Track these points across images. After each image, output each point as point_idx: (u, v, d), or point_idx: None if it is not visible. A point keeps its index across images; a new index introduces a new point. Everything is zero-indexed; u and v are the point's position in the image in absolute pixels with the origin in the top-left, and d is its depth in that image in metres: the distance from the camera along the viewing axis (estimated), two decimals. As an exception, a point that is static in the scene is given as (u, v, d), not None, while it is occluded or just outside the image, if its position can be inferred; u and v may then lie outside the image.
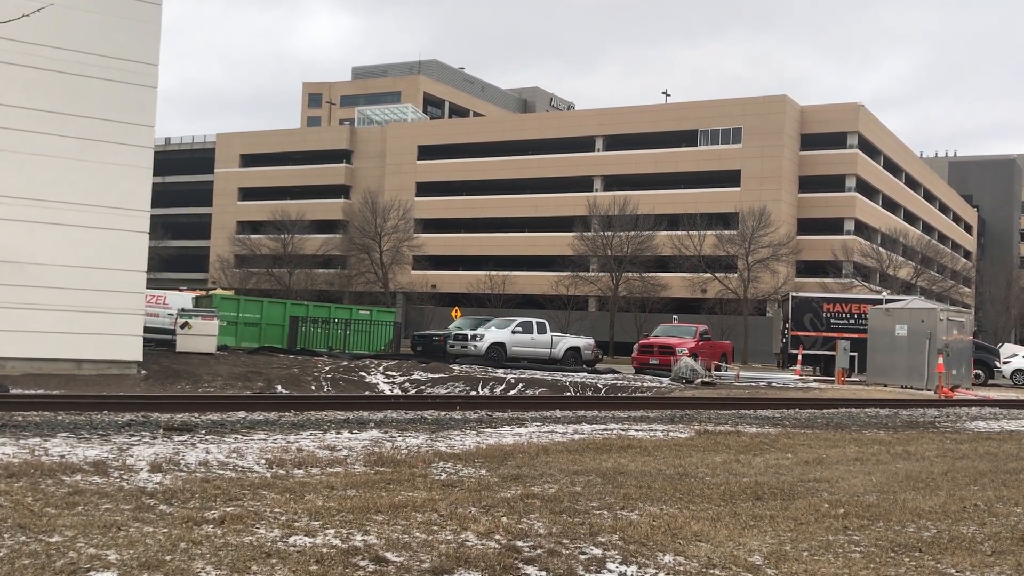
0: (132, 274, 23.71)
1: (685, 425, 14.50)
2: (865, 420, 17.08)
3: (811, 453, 11.60)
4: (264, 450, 9.69)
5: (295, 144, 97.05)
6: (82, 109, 22.77)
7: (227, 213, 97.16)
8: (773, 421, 15.97)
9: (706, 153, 77.85)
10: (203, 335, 31.30)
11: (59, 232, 22.52)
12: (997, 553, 6.39)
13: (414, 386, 27.24)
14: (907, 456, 11.75)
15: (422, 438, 11.38)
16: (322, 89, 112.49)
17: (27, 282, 22.09)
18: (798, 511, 7.54)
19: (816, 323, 39.30)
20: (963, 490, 9.11)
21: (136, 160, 23.64)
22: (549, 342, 38.74)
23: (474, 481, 8.38)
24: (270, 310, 40.84)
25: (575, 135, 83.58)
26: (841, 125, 77.78)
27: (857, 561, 5.97)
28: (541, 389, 26.62)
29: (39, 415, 12.06)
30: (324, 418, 13.19)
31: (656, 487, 8.44)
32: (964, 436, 14.89)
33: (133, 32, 23.63)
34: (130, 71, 23.35)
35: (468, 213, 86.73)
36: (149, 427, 11.33)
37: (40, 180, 22.36)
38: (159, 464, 8.48)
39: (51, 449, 9.16)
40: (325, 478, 8.18)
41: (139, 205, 23.81)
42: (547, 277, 74.96)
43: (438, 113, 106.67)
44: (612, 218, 69.41)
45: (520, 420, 14.21)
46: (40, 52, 22.08)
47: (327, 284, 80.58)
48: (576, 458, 10.16)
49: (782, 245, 67.79)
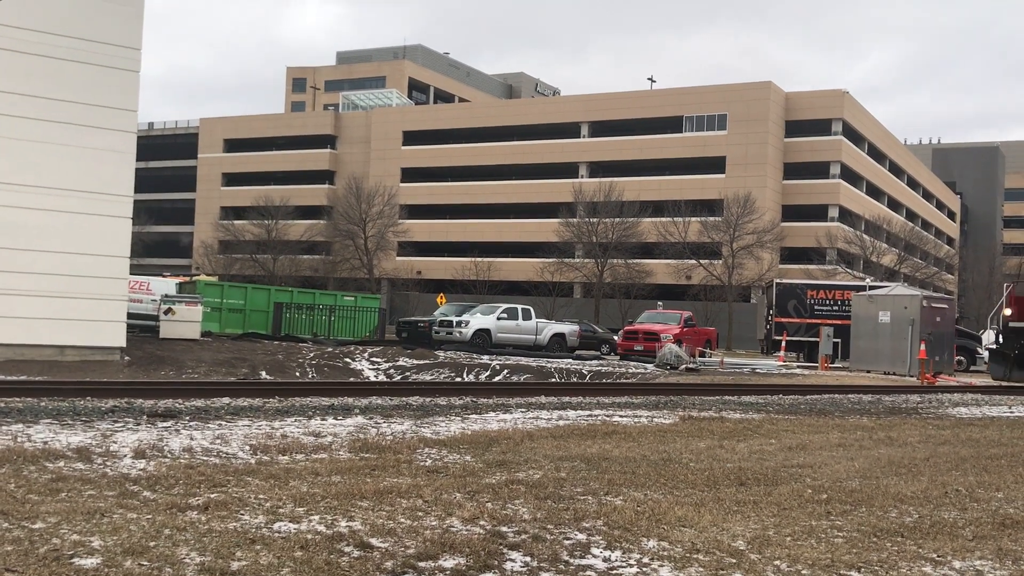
0: (115, 260, 23.59)
1: (669, 411, 14.55)
2: (848, 406, 17.18)
3: (794, 439, 11.66)
4: (248, 436, 9.67)
5: (279, 129, 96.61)
6: (64, 93, 22.60)
7: (211, 198, 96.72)
8: (757, 407, 16.04)
9: (691, 140, 77.91)
10: (187, 321, 31.20)
11: (41, 217, 22.38)
12: (978, 538, 6.44)
13: (399, 372, 27.23)
14: (890, 442, 11.83)
15: (407, 424, 11.38)
16: (306, 74, 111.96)
17: (8, 268, 21.95)
18: (781, 496, 7.58)
19: (800, 310, 39.45)
20: (945, 476, 9.18)
21: (119, 145, 23.48)
22: (534, 328, 38.77)
23: (459, 467, 8.40)
24: (254, 296, 40.74)
25: (560, 121, 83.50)
26: (826, 112, 77.95)
27: (840, 546, 6.01)
28: (526, 375, 26.66)
29: (21, 401, 12.00)
30: (309, 404, 13.17)
31: (640, 473, 8.47)
32: (946, 422, 15.00)
33: (115, 16, 23.44)
34: (112, 55, 23.18)
35: (453, 199, 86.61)
36: (133, 413, 11.29)
37: (21, 165, 22.20)
38: (143, 450, 8.46)
39: (34, 435, 9.12)
40: (310, 464, 8.17)
41: (122, 190, 23.67)
42: (532, 263, 74.97)
43: (423, 98, 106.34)
44: (597, 204, 69.44)
45: (505, 406, 14.23)
46: (21, 36, 21.88)
47: (312, 270, 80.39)
48: (561, 444, 10.19)
49: (766, 232, 67.97)
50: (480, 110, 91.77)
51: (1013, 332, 26.63)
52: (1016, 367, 26.33)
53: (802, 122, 77.73)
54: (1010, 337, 26.68)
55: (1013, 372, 26.34)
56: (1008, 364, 26.54)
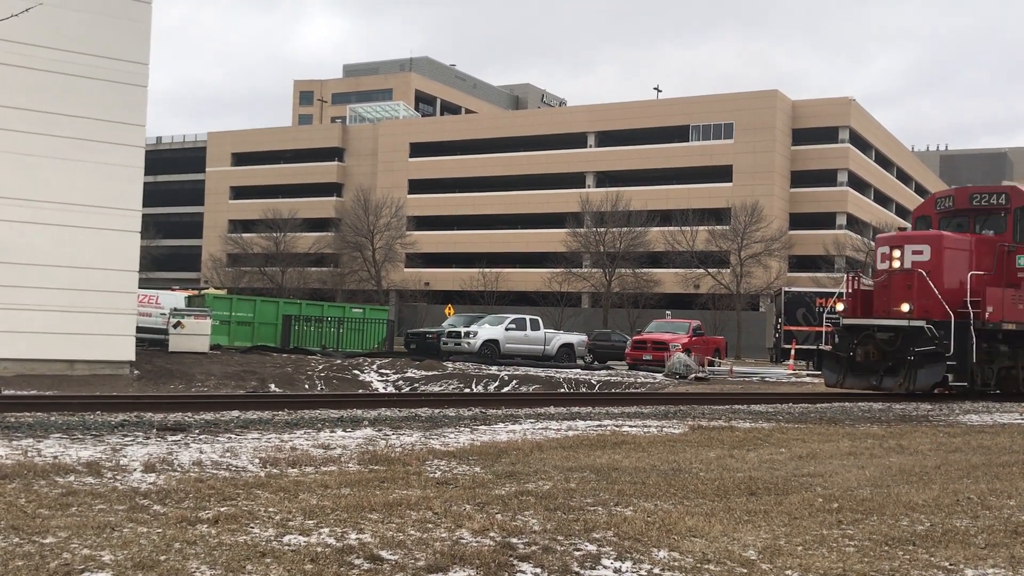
0: (124, 274, 23.67)
1: (679, 420, 14.51)
2: (858, 414, 17.12)
3: (805, 448, 11.62)
4: (258, 449, 9.68)
5: (286, 142, 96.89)
6: (73, 109, 22.73)
7: (219, 212, 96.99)
8: (767, 416, 16.00)
9: (698, 149, 77.90)
10: (196, 334, 31.28)
11: (51, 232, 22.47)
12: (991, 546, 6.41)
13: (408, 384, 27.24)
14: (900, 450, 11.78)
15: (416, 436, 11.37)
16: (313, 87, 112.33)
17: (19, 282, 22.04)
18: (792, 506, 7.55)
19: (809, 318, 39.35)
20: (956, 483, 9.13)
21: (127, 159, 23.60)
22: (543, 339, 38.78)
23: (468, 479, 8.38)
24: (263, 309, 40.82)
25: (567, 131, 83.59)
26: (833, 120, 77.91)
27: (851, 555, 5.98)
28: (535, 386, 26.64)
29: (32, 416, 12.02)
30: (318, 417, 13.17)
31: (650, 483, 8.44)
32: (957, 429, 14.93)
33: (124, 32, 23.58)
34: (121, 70, 23.30)
35: (461, 210, 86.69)
36: (142, 427, 11.30)
37: (31, 180, 22.31)
38: (153, 464, 8.47)
39: (44, 450, 9.14)
40: (319, 477, 8.17)
41: (131, 204, 23.77)
42: (540, 274, 74.97)
43: (430, 110, 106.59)
44: (604, 214, 69.46)
45: (514, 417, 14.20)
46: (30, 52, 22.02)
47: (320, 282, 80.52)
48: (570, 454, 10.17)
49: (774, 240, 67.90)
50: (486, 121, 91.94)
51: (848, 330, 22.32)
52: (851, 372, 21.87)
53: (809, 130, 77.70)
54: (845, 337, 22.32)
55: (847, 378, 21.92)
56: (842, 369, 22.08)
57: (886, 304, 21.63)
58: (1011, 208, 22.30)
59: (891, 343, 21.00)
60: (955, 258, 21.56)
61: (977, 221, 22.86)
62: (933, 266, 21.15)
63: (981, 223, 22.80)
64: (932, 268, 21.09)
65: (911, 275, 21.12)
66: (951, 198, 23.54)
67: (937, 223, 23.29)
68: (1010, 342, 22.19)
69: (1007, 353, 22.19)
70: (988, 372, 21.97)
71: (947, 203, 23.51)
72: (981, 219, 22.84)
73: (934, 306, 20.70)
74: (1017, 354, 22.43)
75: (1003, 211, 22.45)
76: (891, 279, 21.71)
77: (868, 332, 21.47)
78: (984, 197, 22.93)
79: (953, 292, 21.00)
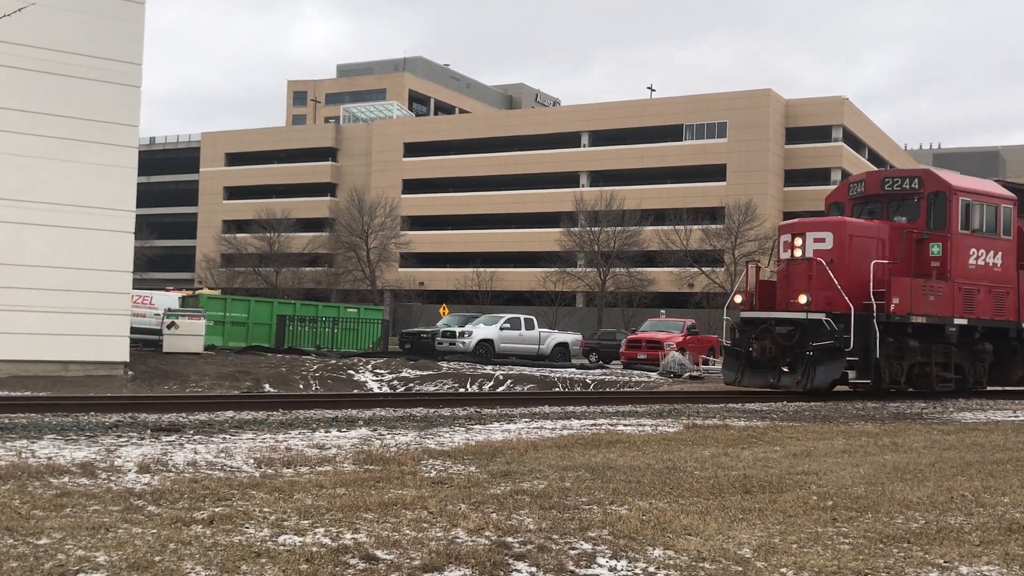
0: (118, 274, 23.63)
1: (673, 419, 14.53)
2: (853, 412, 17.15)
3: (799, 446, 11.64)
4: (253, 449, 9.67)
5: (280, 142, 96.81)
6: (66, 109, 22.67)
7: (213, 212, 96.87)
8: (761, 414, 16.02)
9: (691, 148, 77.98)
10: (190, 335, 31.24)
11: (44, 233, 22.42)
12: (985, 543, 6.42)
13: (403, 384, 27.23)
14: (895, 448, 11.81)
15: (411, 435, 11.37)
16: (307, 87, 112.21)
17: (12, 283, 21.99)
18: (787, 504, 7.56)
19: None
20: (950, 481, 9.15)
21: (121, 160, 23.55)
22: (537, 338, 38.80)
23: (463, 478, 8.38)
24: (257, 309, 40.79)
25: (561, 131, 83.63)
26: (826, 118, 78.06)
27: (846, 552, 6.00)
28: (530, 385, 26.65)
29: (25, 417, 11.99)
30: (313, 417, 13.16)
31: (645, 481, 8.45)
32: (951, 427, 14.96)
33: (117, 31, 23.53)
34: (114, 71, 23.26)
35: (455, 210, 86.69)
36: (137, 428, 11.29)
37: (24, 181, 22.26)
38: (147, 465, 8.45)
39: (38, 451, 9.12)
40: (314, 477, 8.16)
41: (124, 205, 23.72)
42: (534, 273, 74.99)
43: (423, 110, 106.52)
44: (598, 213, 69.50)
45: (509, 416, 14.21)
46: (23, 52, 21.96)
47: (314, 282, 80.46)
48: (565, 454, 10.17)
49: (768, 239, 67.88)
50: (481, 121, 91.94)
51: (747, 324, 20.85)
52: (749, 369, 20.41)
53: (802, 129, 77.84)
54: (745, 331, 20.79)
55: (745, 375, 20.43)
56: (740, 365, 20.57)
57: (787, 296, 20.29)
58: (924, 193, 20.93)
59: (789, 337, 19.61)
60: (861, 246, 20.05)
61: (890, 207, 21.41)
62: (836, 255, 19.72)
63: (895, 209, 21.34)
64: (835, 257, 19.68)
65: (811, 264, 19.72)
66: (863, 183, 22.16)
67: (850, 209, 21.96)
68: (921, 337, 20.56)
69: (918, 348, 20.55)
70: (897, 369, 20.35)
71: (859, 188, 22.11)
72: (895, 205, 21.38)
73: (836, 298, 19.18)
74: (930, 349, 20.77)
75: (916, 196, 21.06)
76: (792, 269, 20.33)
77: (766, 326, 20.08)
78: (896, 181, 21.58)
79: (858, 283, 19.47)
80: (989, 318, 21.44)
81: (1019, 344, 22.45)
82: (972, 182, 22.03)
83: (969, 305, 20.98)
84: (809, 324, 19.33)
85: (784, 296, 20.43)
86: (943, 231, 20.61)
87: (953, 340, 21.00)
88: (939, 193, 20.83)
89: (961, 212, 20.69)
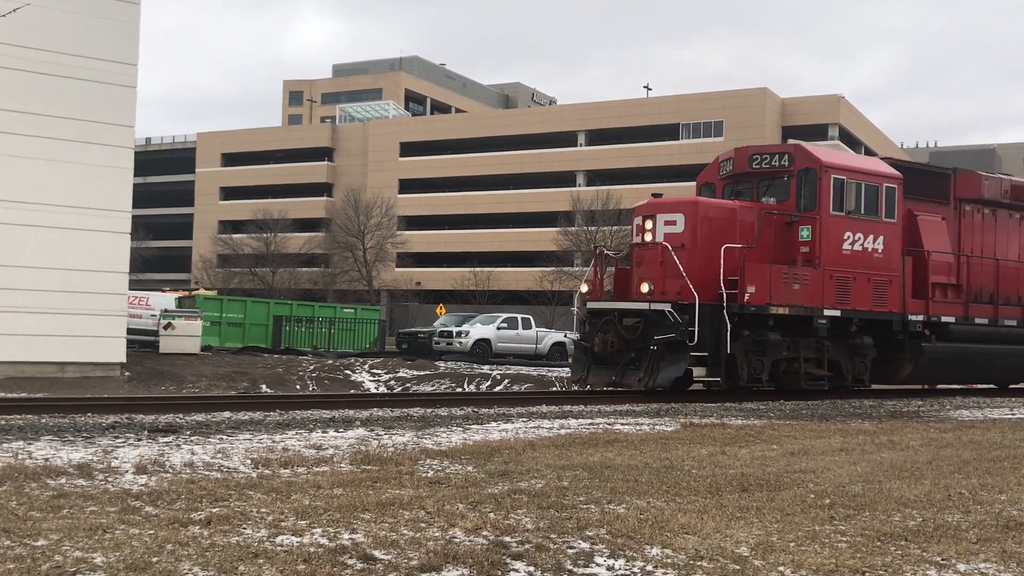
0: (114, 275, 23.60)
1: (671, 418, 14.54)
2: (849, 411, 17.17)
3: (796, 444, 11.64)
4: (250, 450, 9.66)
5: (276, 143, 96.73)
6: (62, 110, 22.64)
7: (209, 213, 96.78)
8: (758, 413, 16.03)
9: (688, 146, 78.01)
10: (186, 336, 31.22)
11: (40, 234, 22.39)
12: (982, 541, 6.43)
13: (400, 384, 27.22)
14: (892, 446, 11.82)
15: (408, 436, 11.37)
16: (303, 87, 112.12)
17: (8, 285, 21.96)
18: (784, 502, 7.57)
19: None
20: (948, 479, 9.17)
21: (117, 161, 23.52)
22: (535, 337, 38.79)
23: (461, 478, 8.38)
24: (254, 310, 40.77)
25: (557, 130, 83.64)
26: (822, 117, 78.13)
27: (843, 550, 6.00)
28: (527, 385, 26.64)
29: (22, 418, 11.98)
30: (310, 417, 13.15)
31: (643, 480, 8.45)
32: (948, 425, 14.99)
33: (111, 32, 23.50)
34: (109, 71, 23.22)
35: (451, 209, 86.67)
36: (134, 429, 11.28)
37: (20, 182, 22.22)
38: (144, 466, 8.45)
39: (35, 452, 9.11)
40: (311, 477, 8.16)
41: (120, 206, 23.70)
42: (532, 273, 74.97)
43: (420, 110, 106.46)
44: (595, 212, 69.50)
45: (506, 416, 14.21)
46: (18, 53, 21.93)
47: (311, 283, 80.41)
48: (563, 453, 10.17)
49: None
50: (477, 120, 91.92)
51: (594, 316, 18.84)
52: (595, 365, 18.49)
53: (798, 127, 77.87)
54: (592, 323, 18.74)
55: (591, 372, 18.54)
56: (587, 361, 18.63)
57: (637, 285, 18.44)
58: (794, 171, 19.03)
59: (634, 330, 17.81)
60: (717, 229, 18.18)
61: (760, 187, 19.59)
62: (688, 239, 17.97)
63: (764, 189, 19.54)
64: (687, 241, 17.94)
65: (660, 250, 17.97)
66: (731, 160, 20.12)
67: (720, 190, 20.19)
68: (786, 330, 18.61)
69: (783, 343, 18.62)
70: (758, 365, 18.43)
71: (728, 167, 20.16)
72: (765, 184, 19.53)
73: (685, 286, 17.50)
74: (797, 344, 18.83)
75: (786, 174, 19.15)
76: (642, 255, 18.68)
77: (610, 318, 18.25)
78: (765, 159, 19.52)
79: (714, 270, 17.68)
80: (868, 309, 19.42)
81: (907, 338, 20.30)
82: (848, 158, 19.70)
83: (843, 295, 19.02)
84: (653, 315, 17.59)
85: (636, 285, 18.57)
86: (813, 212, 18.77)
87: (824, 333, 18.90)
88: (809, 170, 18.90)
89: (834, 191, 18.79)
